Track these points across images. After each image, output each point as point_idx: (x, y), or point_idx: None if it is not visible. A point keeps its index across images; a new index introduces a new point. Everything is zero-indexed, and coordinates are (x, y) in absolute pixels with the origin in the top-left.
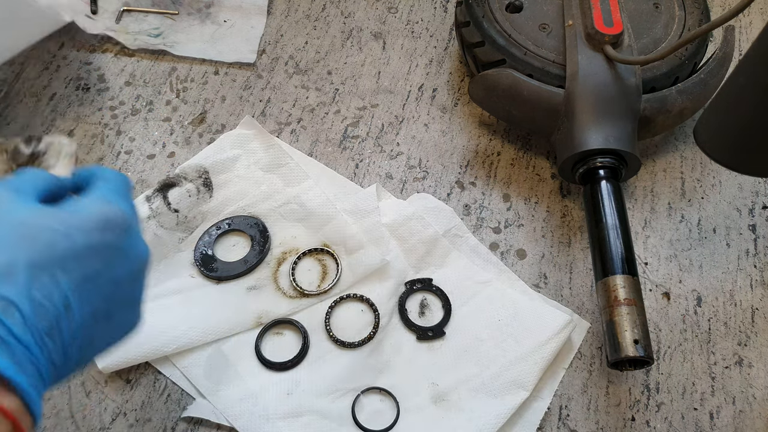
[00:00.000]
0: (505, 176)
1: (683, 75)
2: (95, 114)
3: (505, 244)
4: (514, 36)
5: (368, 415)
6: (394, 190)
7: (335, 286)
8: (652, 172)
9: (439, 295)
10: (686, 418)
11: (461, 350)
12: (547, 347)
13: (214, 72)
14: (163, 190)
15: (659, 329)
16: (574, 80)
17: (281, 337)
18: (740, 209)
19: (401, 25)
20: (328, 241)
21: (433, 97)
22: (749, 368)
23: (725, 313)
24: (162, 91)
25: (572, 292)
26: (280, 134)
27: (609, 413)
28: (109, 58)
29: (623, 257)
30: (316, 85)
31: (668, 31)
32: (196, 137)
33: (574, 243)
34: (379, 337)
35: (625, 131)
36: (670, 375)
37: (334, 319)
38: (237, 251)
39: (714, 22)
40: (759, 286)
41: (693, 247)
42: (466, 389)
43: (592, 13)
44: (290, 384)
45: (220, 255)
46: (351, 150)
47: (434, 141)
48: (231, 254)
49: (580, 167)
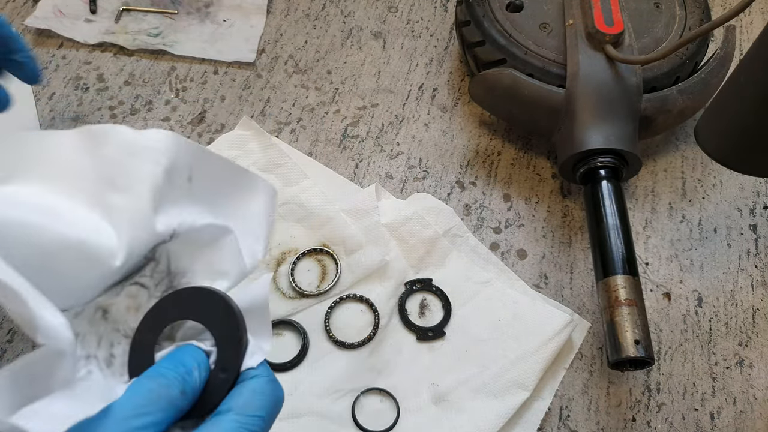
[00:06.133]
0: (505, 176)
1: (684, 74)
2: (94, 114)
3: (506, 244)
4: (515, 35)
5: (368, 416)
6: (394, 190)
7: (335, 287)
8: (653, 172)
9: (439, 295)
10: (687, 419)
11: (461, 350)
12: (547, 347)
13: (213, 72)
14: None
15: (660, 329)
16: (575, 80)
17: (281, 338)
18: (741, 209)
19: (401, 24)
20: (328, 241)
21: (433, 97)
22: (750, 369)
23: (726, 313)
24: (161, 91)
25: (573, 292)
26: (280, 134)
27: (610, 414)
28: (109, 57)
29: (624, 257)
30: (316, 84)
31: (669, 31)
32: (196, 137)
33: (575, 243)
34: (378, 338)
35: (626, 131)
36: (670, 375)
37: (333, 319)
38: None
39: (715, 22)
40: (760, 286)
41: (694, 247)
42: (467, 389)
43: (593, 12)
44: (290, 385)
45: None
46: (351, 150)
47: (434, 141)
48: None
49: (581, 167)
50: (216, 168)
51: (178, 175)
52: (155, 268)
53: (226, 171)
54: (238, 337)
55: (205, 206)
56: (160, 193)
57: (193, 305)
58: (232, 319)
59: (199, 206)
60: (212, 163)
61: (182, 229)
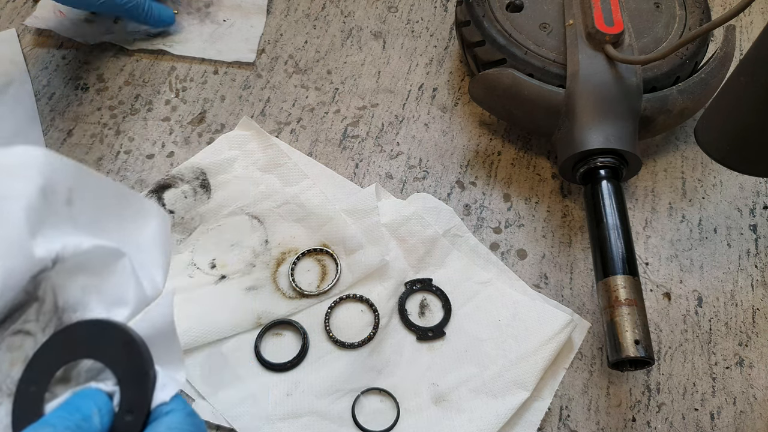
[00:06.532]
0: (505, 176)
1: (684, 75)
2: (94, 113)
3: (506, 244)
4: (515, 35)
5: (368, 416)
6: (394, 190)
7: (335, 287)
8: (653, 172)
9: (439, 295)
10: (687, 419)
11: (461, 350)
12: (547, 347)
13: (213, 71)
14: (158, 191)
15: (660, 329)
16: (575, 80)
17: (281, 337)
18: (741, 209)
19: (401, 24)
20: (328, 241)
21: (433, 97)
22: (750, 369)
23: (726, 313)
24: (161, 91)
25: (573, 292)
26: (280, 134)
27: (610, 414)
28: (108, 57)
29: (624, 257)
30: (316, 84)
31: (669, 31)
32: (196, 137)
33: (575, 243)
34: (378, 338)
35: (626, 131)
36: (670, 375)
37: (333, 319)
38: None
39: (715, 22)
40: (760, 286)
41: (694, 247)
42: (467, 389)
43: (593, 12)
44: (290, 385)
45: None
46: (351, 150)
47: (434, 141)
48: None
49: (581, 167)
50: (100, 190)
51: (56, 196)
52: (40, 308)
53: (112, 193)
54: (144, 371)
55: (91, 230)
56: (36, 214)
57: (88, 341)
58: (134, 352)
59: (84, 230)
60: (95, 184)
61: (67, 253)
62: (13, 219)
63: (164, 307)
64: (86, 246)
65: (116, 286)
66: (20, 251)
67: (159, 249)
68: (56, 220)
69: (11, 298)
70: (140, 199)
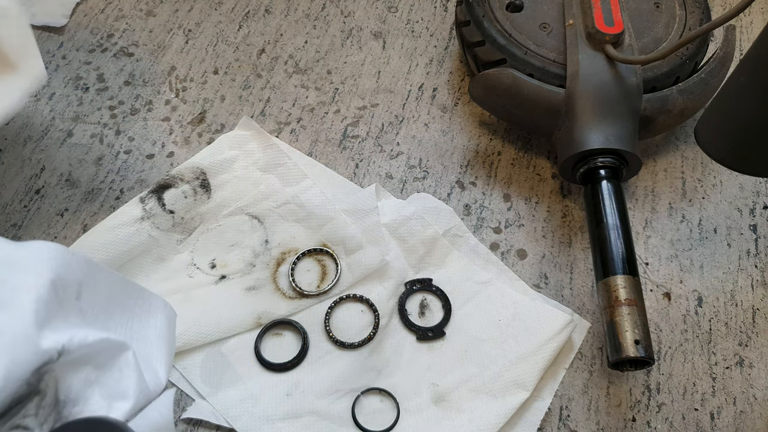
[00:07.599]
0: (505, 176)
1: (684, 75)
2: (94, 113)
3: (506, 244)
4: (515, 35)
5: (368, 416)
6: (394, 190)
7: (335, 287)
8: (653, 172)
9: (439, 295)
10: (687, 419)
11: (461, 350)
12: (547, 347)
13: (213, 72)
14: (158, 191)
15: (660, 329)
16: (575, 80)
17: (281, 337)
18: (741, 209)
19: (401, 24)
20: (328, 241)
21: (433, 97)
22: (750, 369)
23: (726, 313)
24: (161, 91)
25: (573, 292)
26: (280, 134)
27: (610, 414)
28: (109, 57)
29: (624, 257)
30: (316, 84)
31: (669, 31)
32: (196, 137)
33: (575, 243)
34: (378, 338)
35: (626, 131)
36: (670, 375)
37: (333, 319)
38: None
39: (715, 22)
40: (760, 286)
41: (694, 247)
42: (467, 389)
43: (593, 12)
44: (290, 385)
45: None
46: (351, 150)
47: (434, 141)
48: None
49: (581, 167)
50: (109, 284)
51: (66, 290)
52: (41, 402)
53: (121, 288)
54: None
55: (98, 323)
56: (45, 307)
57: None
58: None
59: (91, 323)
60: (105, 279)
61: (73, 345)
62: (22, 311)
63: (164, 407)
64: (92, 339)
65: (119, 380)
66: (26, 343)
67: (164, 344)
68: (65, 313)
69: (13, 390)
70: (148, 294)
